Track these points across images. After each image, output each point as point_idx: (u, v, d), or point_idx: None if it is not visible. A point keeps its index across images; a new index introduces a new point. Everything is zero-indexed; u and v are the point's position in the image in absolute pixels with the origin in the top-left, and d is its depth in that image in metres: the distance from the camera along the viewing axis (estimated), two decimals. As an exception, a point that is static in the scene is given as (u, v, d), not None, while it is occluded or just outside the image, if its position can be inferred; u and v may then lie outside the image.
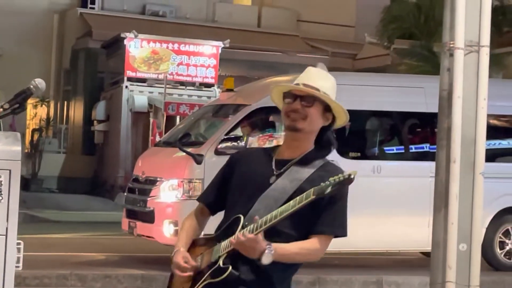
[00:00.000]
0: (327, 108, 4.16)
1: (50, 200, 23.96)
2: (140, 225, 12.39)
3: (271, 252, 3.83)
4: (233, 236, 3.89)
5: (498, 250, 13.36)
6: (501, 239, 13.41)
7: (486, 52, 7.42)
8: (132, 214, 12.72)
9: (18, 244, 6.55)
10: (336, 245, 12.90)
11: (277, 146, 4.28)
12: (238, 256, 3.90)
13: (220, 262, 3.96)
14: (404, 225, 12.42)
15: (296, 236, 3.97)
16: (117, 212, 15.38)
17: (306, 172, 4.06)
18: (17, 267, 6.59)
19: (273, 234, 3.87)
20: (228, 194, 4.22)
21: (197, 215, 4.34)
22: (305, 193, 3.81)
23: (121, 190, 21.89)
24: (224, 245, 3.97)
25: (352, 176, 3.76)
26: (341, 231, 4.07)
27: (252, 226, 3.86)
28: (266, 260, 3.84)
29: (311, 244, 4.00)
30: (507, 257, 13.41)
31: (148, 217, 12.20)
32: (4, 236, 6.41)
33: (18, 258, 6.58)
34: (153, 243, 12.32)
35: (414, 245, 12.63)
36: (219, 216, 4.28)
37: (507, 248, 13.42)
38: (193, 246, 4.20)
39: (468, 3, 7.32)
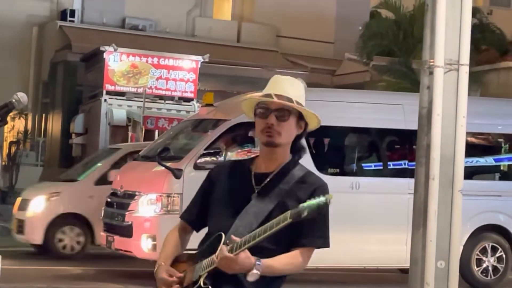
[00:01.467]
0: (300, 117, 4.12)
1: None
2: (118, 240, 12.36)
3: (258, 271, 3.81)
4: (216, 254, 3.84)
5: (475, 267, 13.41)
6: (478, 257, 13.46)
7: (466, 71, 7.46)
8: (110, 228, 12.69)
9: (-3, 257, 6.54)
10: (315, 261, 12.90)
11: (254, 158, 4.24)
12: (219, 275, 3.88)
13: (201, 282, 3.94)
14: (382, 242, 12.45)
15: (278, 251, 3.95)
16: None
17: (286, 184, 4.05)
18: (-6, 282, 6.58)
19: (255, 250, 3.83)
20: (210, 209, 4.20)
21: (179, 231, 4.32)
22: (282, 216, 3.74)
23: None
24: (206, 264, 3.94)
25: (328, 201, 3.69)
26: (322, 242, 4.06)
27: (232, 245, 3.80)
28: (251, 278, 3.83)
29: (293, 257, 3.99)
30: (484, 274, 13.46)
31: (126, 232, 12.18)
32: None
33: (-5, 272, 6.56)
34: (131, 257, 12.28)
35: (392, 262, 12.64)
36: (203, 231, 4.27)
37: (484, 265, 13.47)
38: (175, 262, 4.16)
39: (448, 22, 7.36)
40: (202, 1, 32.35)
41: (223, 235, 3.92)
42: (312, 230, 3.98)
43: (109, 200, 13.08)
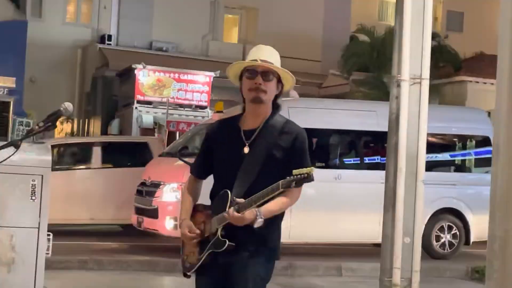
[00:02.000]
0: (278, 79, 4.14)
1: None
2: (146, 220, 12.37)
3: (262, 220, 3.85)
4: (226, 212, 3.88)
5: (435, 242, 13.39)
6: (437, 234, 13.44)
7: (427, 84, 7.48)
8: (140, 212, 12.69)
9: (48, 235, 6.55)
10: (304, 237, 12.93)
11: (241, 115, 4.21)
12: (231, 226, 3.89)
13: (219, 234, 3.95)
14: (359, 222, 12.42)
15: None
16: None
17: (270, 136, 4.05)
18: (47, 253, 6.58)
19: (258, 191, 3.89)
20: (213, 164, 4.20)
21: (192, 183, 4.33)
22: (275, 185, 3.79)
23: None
24: (219, 219, 3.96)
25: (311, 174, 3.74)
26: (308, 180, 3.91)
27: (238, 206, 3.84)
28: (257, 225, 3.86)
29: (288, 195, 3.95)
30: (442, 248, 13.44)
31: (153, 214, 12.18)
32: (37, 229, 6.41)
33: (48, 247, 6.57)
34: (157, 234, 12.30)
35: (367, 238, 12.63)
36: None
37: (442, 240, 13.45)
38: (194, 212, 4.18)
39: (412, 44, 7.36)
40: (214, 28, 32.34)
41: (229, 193, 3.96)
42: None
43: (139, 188, 13.06)
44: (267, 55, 4.13)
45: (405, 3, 7.38)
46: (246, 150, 4.05)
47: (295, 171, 3.77)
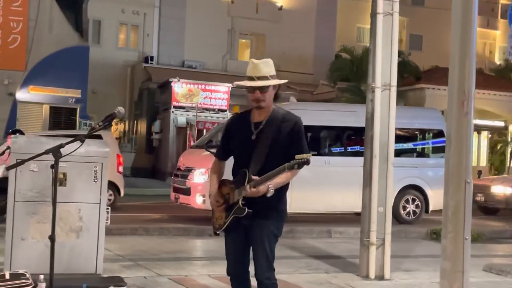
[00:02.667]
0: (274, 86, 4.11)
1: (126, 181, 23.71)
2: (182, 197, 12.36)
3: (272, 191, 3.88)
4: (245, 187, 3.91)
5: (402, 211, 13.35)
6: (404, 204, 13.39)
7: (394, 90, 7.42)
8: (176, 190, 12.67)
9: (107, 209, 6.56)
10: (303, 209, 12.81)
11: (251, 111, 4.18)
12: (249, 197, 3.94)
13: (240, 203, 3.97)
14: (344, 196, 12.38)
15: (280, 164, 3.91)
16: (167, 189, 15.32)
17: (274, 126, 4.04)
18: (106, 223, 6.59)
19: (269, 170, 3.89)
20: (232, 150, 4.22)
21: (217, 164, 4.33)
22: (282, 167, 3.81)
23: (169, 175, 21.82)
24: (240, 191, 3.97)
25: (310, 158, 3.79)
26: (306, 163, 3.99)
27: (255, 182, 3.87)
28: (269, 194, 3.88)
29: (290, 172, 3.94)
30: (408, 215, 13.39)
31: (187, 192, 12.16)
32: (99, 204, 6.41)
33: (107, 217, 6.58)
34: (189, 208, 12.30)
35: (351, 208, 12.59)
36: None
37: (407, 210, 13.40)
38: (220, 186, 4.19)
39: (383, 59, 7.31)
40: (231, 49, 32.30)
41: (247, 172, 3.98)
42: (299, 150, 3.89)
43: (175, 173, 13.06)
44: (261, 69, 4.05)
45: (377, 28, 7.32)
46: (253, 137, 4.06)
47: (297, 156, 3.79)
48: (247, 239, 4.08)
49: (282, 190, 4.07)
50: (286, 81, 4.24)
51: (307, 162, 3.77)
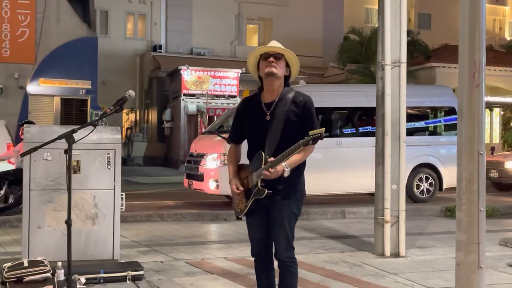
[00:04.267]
0: (287, 64, 4.11)
1: (139, 171, 24.02)
2: (195, 183, 12.39)
3: (288, 169, 3.88)
4: (263, 169, 3.91)
5: (416, 189, 13.33)
6: (417, 183, 13.37)
7: (404, 66, 7.38)
8: (189, 176, 12.71)
9: (121, 195, 6.59)
10: (316, 190, 12.80)
11: (261, 93, 4.18)
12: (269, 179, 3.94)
13: (259, 185, 3.98)
14: (357, 177, 12.38)
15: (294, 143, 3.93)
16: (180, 176, 15.39)
17: (285, 105, 4.03)
18: (121, 209, 6.63)
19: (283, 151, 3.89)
20: (246, 131, 4.20)
21: (233, 149, 4.31)
22: (297, 144, 3.80)
23: (182, 162, 21.91)
24: (258, 173, 3.98)
25: (323, 133, 3.77)
26: (320, 138, 4.00)
27: (271, 163, 3.87)
28: (286, 174, 3.89)
29: (304, 150, 3.94)
30: (421, 194, 13.37)
31: (200, 178, 12.19)
32: (113, 190, 6.45)
33: (122, 204, 6.62)
34: (203, 193, 12.34)
35: (364, 188, 12.58)
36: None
37: (421, 188, 13.38)
38: (239, 170, 4.20)
39: (392, 36, 7.28)
40: (239, 35, 32.21)
41: (263, 153, 3.98)
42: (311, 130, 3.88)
43: (188, 159, 13.09)
44: (276, 45, 4.11)
45: (385, 7, 7.29)
46: (268, 117, 4.04)
47: (310, 132, 3.78)
48: (268, 219, 4.10)
49: (299, 170, 4.07)
50: (298, 67, 4.19)
51: (321, 137, 3.76)
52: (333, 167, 12.50)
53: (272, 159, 3.89)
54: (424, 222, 10.77)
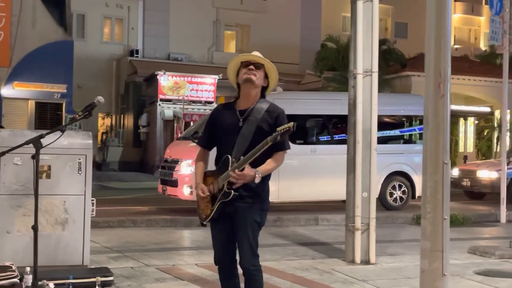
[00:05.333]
0: (265, 76, 4.17)
1: (114, 176, 23.91)
2: (169, 189, 12.38)
3: (260, 176, 3.93)
4: (228, 171, 3.93)
5: (389, 197, 13.47)
6: (390, 191, 13.50)
7: (376, 76, 7.45)
8: (164, 182, 12.70)
9: (92, 200, 6.57)
10: (290, 197, 12.85)
11: (237, 100, 4.22)
12: (234, 184, 3.97)
13: (225, 188, 3.99)
14: (331, 184, 12.37)
15: (267, 157, 4.01)
16: (155, 182, 15.31)
17: (259, 114, 4.07)
18: (92, 215, 6.61)
19: (255, 162, 3.94)
20: (216, 137, 4.22)
21: (201, 155, 4.33)
22: (264, 141, 3.84)
23: (158, 168, 21.86)
24: (224, 177, 3.99)
25: (292, 127, 3.80)
26: (288, 147, 4.10)
27: (238, 164, 3.89)
28: (257, 180, 3.93)
29: (276, 159, 4.03)
30: (395, 202, 13.51)
31: (174, 183, 12.18)
32: (83, 196, 6.43)
33: (93, 209, 6.60)
34: (177, 199, 12.33)
35: (338, 196, 12.55)
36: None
37: (394, 196, 13.52)
38: (205, 177, 4.19)
39: (364, 45, 7.36)
40: (217, 41, 32.30)
41: (229, 157, 4.00)
42: (282, 142, 3.98)
43: (163, 164, 13.07)
44: (257, 54, 4.18)
45: (358, 15, 7.38)
46: (240, 123, 4.07)
47: (278, 128, 3.83)
48: (232, 227, 4.11)
49: (265, 179, 4.09)
50: (277, 80, 4.24)
51: (288, 131, 3.81)
52: (308, 174, 12.57)
53: (240, 159, 3.92)
54: (396, 229, 10.87)
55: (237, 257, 4.22)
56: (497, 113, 29.13)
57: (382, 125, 14.19)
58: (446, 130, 4.28)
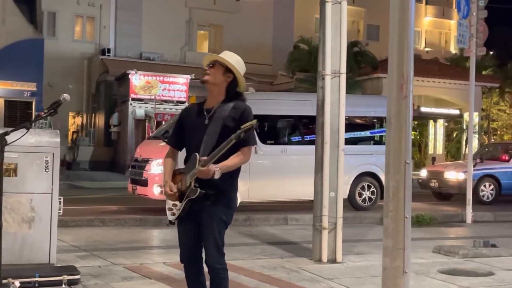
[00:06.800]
0: (227, 70, 4.16)
1: (85, 175, 23.72)
2: (139, 188, 12.37)
3: (219, 172, 3.92)
4: (195, 169, 3.94)
5: (358, 198, 13.61)
6: (359, 191, 13.66)
7: (344, 77, 7.52)
8: (134, 181, 12.68)
9: (59, 199, 6.55)
10: (260, 197, 12.93)
11: (205, 100, 4.27)
12: (200, 179, 3.96)
13: (192, 185, 4.00)
14: (301, 184, 12.44)
15: (232, 153, 4.02)
16: (126, 182, 15.29)
17: (225, 111, 4.09)
18: (59, 213, 6.59)
19: (222, 159, 3.95)
20: (184, 136, 4.25)
21: (171, 154, 4.34)
22: (229, 138, 3.86)
23: (129, 167, 21.74)
24: (191, 175, 3.99)
25: (254, 124, 3.84)
26: (253, 142, 4.12)
27: (204, 162, 3.89)
28: (217, 176, 3.91)
29: (239, 155, 4.05)
30: (363, 202, 13.67)
31: (144, 183, 12.18)
32: (50, 194, 6.41)
33: (60, 208, 6.58)
34: (147, 198, 12.31)
35: (307, 196, 12.63)
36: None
37: (363, 196, 13.68)
38: (174, 175, 4.20)
39: (332, 48, 7.44)
40: (189, 41, 32.30)
41: (197, 155, 4.01)
42: (247, 137, 3.97)
43: (133, 164, 13.06)
44: (220, 55, 4.20)
45: (327, 17, 7.46)
46: (206, 122, 4.10)
47: (242, 126, 3.86)
48: (198, 226, 4.13)
49: (232, 177, 4.12)
50: (242, 74, 4.21)
51: (251, 129, 3.84)
52: (278, 175, 12.65)
53: (205, 158, 3.92)
54: (364, 229, 11.00)
55: (203, 256, 4.23)
56: (466, 116, 29.56)
57: (352, 126, 14.45)
58: (408, 131, 4.36)
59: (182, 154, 4.33)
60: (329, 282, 6.35)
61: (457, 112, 30.09)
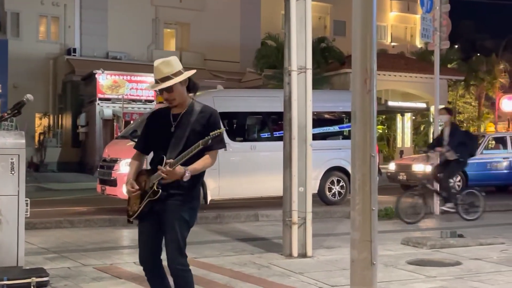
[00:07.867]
0: (182, 81, 4.12)
1: (52, 177, 23.47)
2: (108, 188, 12.30)
3: (189, 174, 3.92)
4: (159, 170, 3.92)
5: (328, 192, 13.71)
6: (329, 186, 13.75)
7: (310, 73, 7.57)
8: (102, 182, 12.60)
9: (26, 201, 6.48)
10: (230, 194, 12.96)
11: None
12: (165, 182, 3.96)
13: (155, 187, 3.99)
14: (271, 180, 12.49)
15: (198, 156, 4.01)
16: (95, 182, 15.17)
17: (191, 118, 4.09)
18: (26, 216, 6.52)
19: (187, 161, 3.94)
20: (152, 140, 4.22)
21: (137, 157, 4.31)
22: (196, 144, 3.87)
23: (97, 168, 21.58)
24: (156, 176, 3.98)
25: (221, 132, 3.89)
26: (221, 146, 4.11)
27: (170, 163, 3.88)
28: (186, 178, 3.92)
29: (207, 158, 4.05)
30: (333, 196, 13.77)
31: (113, 183, 12.11)
32: (17, 196, 6.34)
33: (27, 209, 6.51)
34: (116, 198, 12.23)
35: (277, 192, 12.64)
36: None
37: (333, 191, 13.78)
38: (138, 176, 4.17)
39: (298, 43, 7.49)
40: (156, 39, 32.13)
41: (164, 157, 4.00)
42: (215, 141, 3.96)
43: (101, 164, 12.98)
44: (162, 71, 4.08)
45: (291, 13, 7.50)
46: (173, 129, 4.09)
47: (211, 133, 3.88)
48: (159, 226, 4.08)
49: (197, 178, 4.10)
50: (192, 72, 4.20)
51: (219, 136, 3.89)
52: (248, 171, 12.68)
53: (171, 160, 3.92)
54: (334, 223, 11.09)
55: (163, 258, 4.16)
56: (432, 109, 29.96)
57: (321, 122, 14.56)
58: (373, 124, 4.43)
59: (149, 156, 4.34)
60: (299, 277, 6.40)
61: (423, 105, 30.47)
